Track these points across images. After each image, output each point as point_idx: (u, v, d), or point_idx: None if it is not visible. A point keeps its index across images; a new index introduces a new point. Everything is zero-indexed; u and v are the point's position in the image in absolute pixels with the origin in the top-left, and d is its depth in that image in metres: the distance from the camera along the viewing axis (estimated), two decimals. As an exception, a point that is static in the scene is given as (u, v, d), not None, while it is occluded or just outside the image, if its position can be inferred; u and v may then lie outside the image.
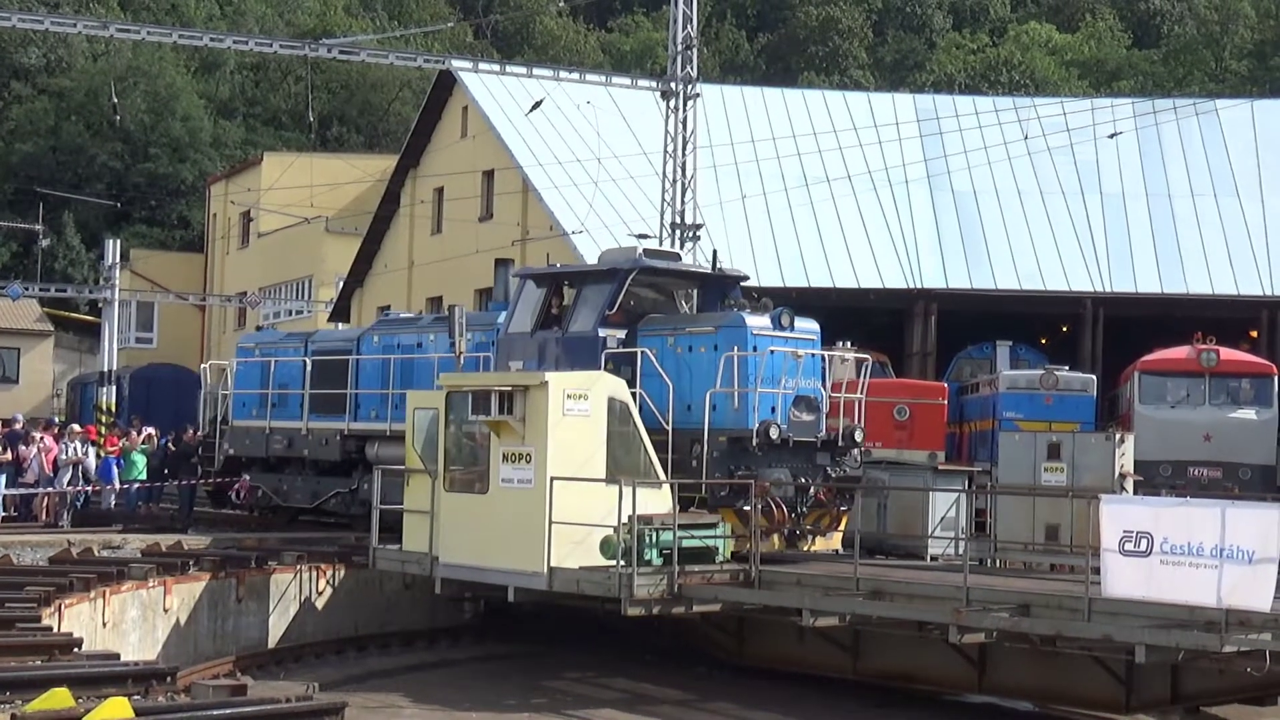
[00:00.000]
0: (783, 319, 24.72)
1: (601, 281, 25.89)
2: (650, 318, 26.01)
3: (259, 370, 33.01)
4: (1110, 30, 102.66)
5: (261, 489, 32.73)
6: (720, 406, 23.83)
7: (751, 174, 49.48)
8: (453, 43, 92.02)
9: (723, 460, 23.71)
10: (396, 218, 59.13)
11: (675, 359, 24.78)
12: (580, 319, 25.77)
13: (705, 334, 24.86)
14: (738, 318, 24.65)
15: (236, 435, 33.28)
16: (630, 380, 24.37)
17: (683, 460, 23.79)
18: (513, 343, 26.55)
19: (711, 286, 27.01)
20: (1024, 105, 54.29)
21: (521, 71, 51.25)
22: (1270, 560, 17.60)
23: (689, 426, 23.95)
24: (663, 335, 25.28)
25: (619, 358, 24.93)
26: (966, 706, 23.42)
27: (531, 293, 26.86)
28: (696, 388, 24.20)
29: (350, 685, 22.78)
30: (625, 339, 25.33)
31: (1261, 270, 47.77)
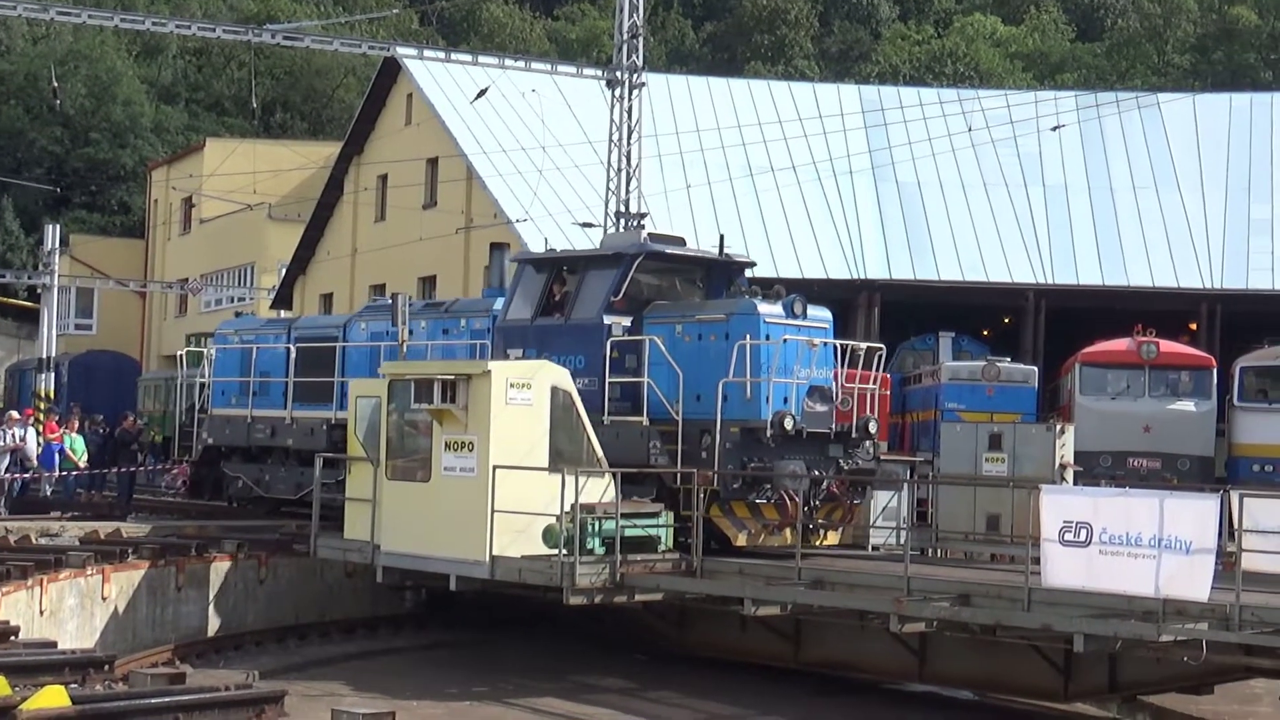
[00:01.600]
0: (795, 306, 24.06)
1: (606, 267, 25.12)
2: (656, 305, 25.20)
3: (239, 357, 32.07)
4: (1054, 23, 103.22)
5: (242, 479, 31.70)
6: (732, 396, 23.20)
7: (696, 164, 49.47)
8: (398, 30, 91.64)
9: (735, 451, 23.15)
10: (340, 205, 58.88)
11: (684, 347, 24.07)
12: (584, 306, 24.99)
13: (716, 322, 24.07)
14: (750, 304, 23.95)
15: (216, 424, 32.20)
16: (636, 369, 24.01)
17: (692, 451, 23.25)
18: (511, 331, 25.83)
19: (717, 272, 26.28)
20: (968, 97, 54.51)
21: (467, 59, 51.15)
22: (1208, 550, 17.71)
23: (698, 417, 23.39)
24: (670, 323, 24.55)
25: (624, 346, 24.30)
26: (907, 695, 23.52)
27: (531, 278, 26.05)
28: (706, 377, 23.50)
29: (290, 673, 22.70)
30: (631, 326, 24.66)
31: (1201, 263, 48.10)
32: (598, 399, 24.06)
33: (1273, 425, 33.80)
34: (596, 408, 23.94)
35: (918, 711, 22.75)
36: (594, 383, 24.22)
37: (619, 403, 24.18)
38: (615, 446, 23.65)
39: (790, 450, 23.38)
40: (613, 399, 24.17)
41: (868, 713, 22.07)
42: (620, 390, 24.20)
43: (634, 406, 24.05)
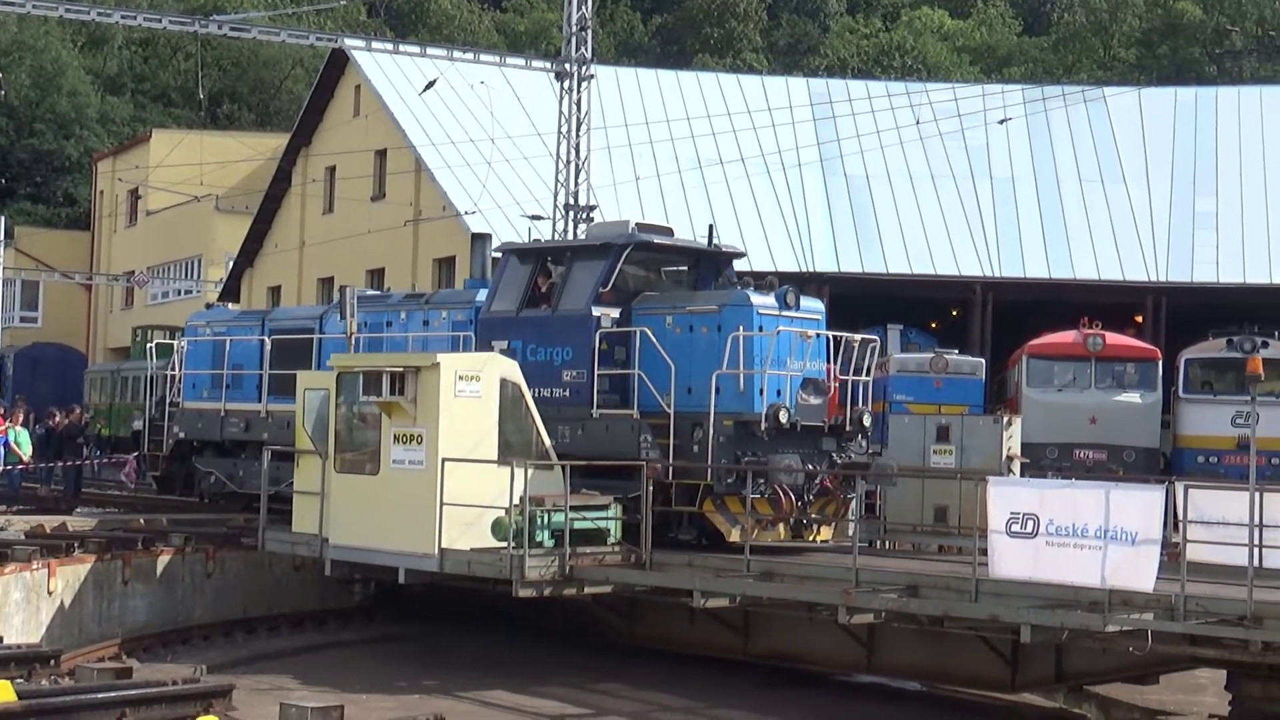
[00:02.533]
0: (788, 297, 23.56)
1: (593, 257, 24.53)
2: (645, 296, 24.60)
3: (210, 349, 31.44)
4: (1001, 17, 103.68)
5: (215, 474, 31.15)
6: (725, 389, 22.61)
7: (645, 156, 49.52)
8: (346, 21, 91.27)
9: (729, 445, 22.64)
10: (288, 197, 58.66)
11: (675, 339, 23.45)
12: (571, 297, 24.40)
13: (708, 313, 23.48)
14: (742, 296, 23.39)
15: (187, 418, 31.57)
16: (625, 361, 23.59)
17: (684, 445, 22.82)
18: (496, 322, 25.22)
19: (706, 263, 25.66)
20: (916, 90, 54.80)
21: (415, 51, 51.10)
22: (1153, 541, 17.82)
23: (690, 410, 22.86)
24: (660, 314, 23.92)
25: (613, 338, 23.80)
26: (855, 686, 23.60)
27: (516, 269, 25.48)
28: (697, 369, 22.95)
29: (238, 667, 22.61)
30: (619, 318, 24.05)
31: (1147, 256, 48.44)
32: (586, 391, 23.73)
33: (1217, 417, 34.09)
34: (585, 400, 23.68)
35: (866, 702, 22.82)
36: (582, 375, 23.84)
37: (607, 395, 23.74)
38: (604, 440, 23.41)
39: (784, 444, 22.94)
40: (601, 391, 23.72)
41: (816, 704, 22.12)
42: (609, 383, 23.75)
43: (623, 399, 23.66)
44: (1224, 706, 20.11)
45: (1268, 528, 19.26)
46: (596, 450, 23.24)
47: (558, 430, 23.69)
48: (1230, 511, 19.10)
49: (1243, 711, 19.31)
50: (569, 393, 23.94)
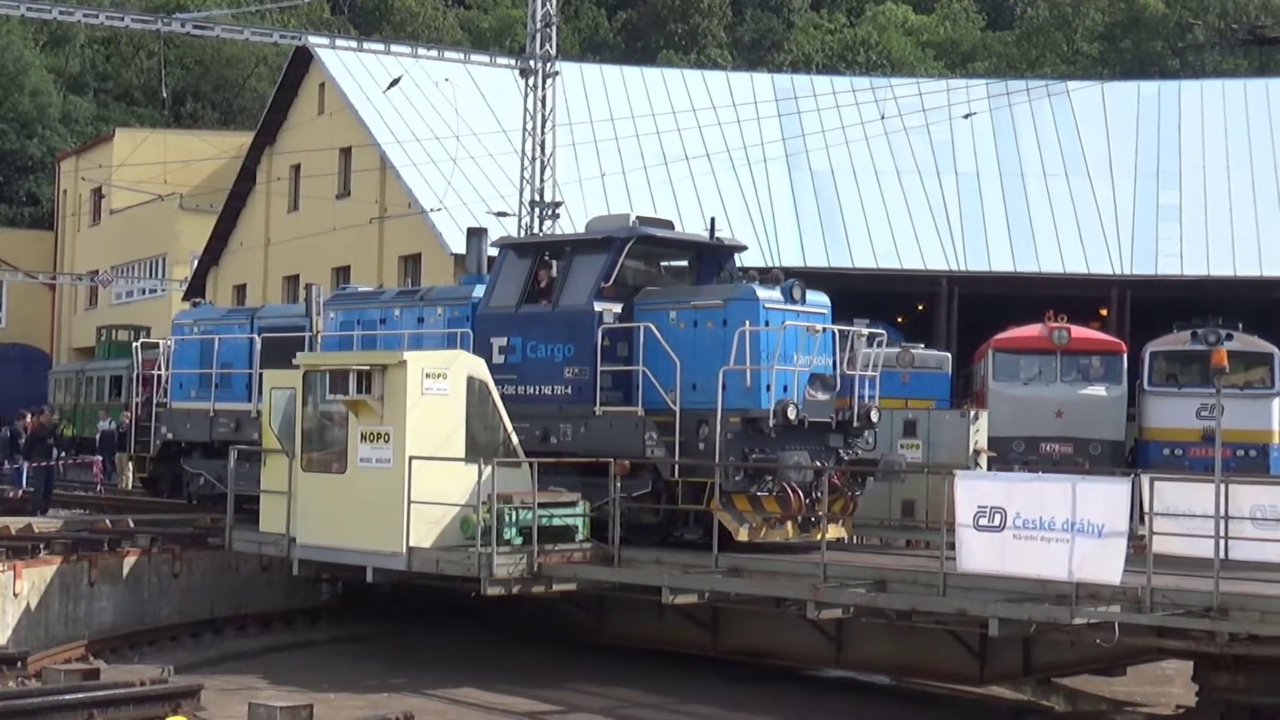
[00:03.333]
0: (794, 291, 23.07)
1: (594, 251, 23.95)
2: (648, 290, 24.08)
3: (198, 348, 30.75)
4: (965, 12, 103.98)
5: (204, 476, 30.29)
6: (731, 385, 22.09)
7: (610, 152, 49.54)
8: (309, 19, 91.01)
9: (736, 442, 22.16)
10: (252, 195, 58.52)
11: (679, 334, 22.92)
12: (572, 292, 23.85)
13: (713, 308, 22.94)
14: (748, 290, 22.93)
15: (175, 418, 30.84)
16: (628, 358, 23.19)
17: (689, 442, 22.32)
18: (494, 319, 24.74)
19: (707, 256, 25.28)
20: (880, 85, 54.86)
21: (379, 48, 51.19)
22: (1119, 534, 17.85)
23: (695, 406, 22.36)
24: (663, 309, 23.39)
25: (616, 333, 23.31)
26: (824, 681, 23.64)
27: (514, 264, 24.89)
28: (702, 365, 22.45)
29: (206, 668, 22.53)
30: (621, 313, 23.56)
31: (1111, 249, 48.64)
32: (589, 388, 23.31)
33: (1182, 409, 34.22)
34: (588, 398, 23.28)
35: (835, 697, 22.85)
36: (585, 372, 23.42)
37: (609, 392, 23.33)
38: (607, 438, 22.99)
39: (791, 440, 22.50)
40: (604, 388, 23.29)
41: (785, 699, 22.13)
42: (611, 379, 23.35)
43: (625, 396, 23.25)
44: (1191, 697, 20.18)
45: (1233, 519, 19.40)
46: (599, 448, 22.83)
47: (559, 428, 23.50)
48: (1196, 503, 19.14)
49: (1209, 702, 19.38)
50: (570, 390, 23.56)
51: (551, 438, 23.58)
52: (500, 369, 24.03)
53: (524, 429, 23.46)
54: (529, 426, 23.57)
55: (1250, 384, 34.70)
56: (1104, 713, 22.33)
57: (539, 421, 23.69)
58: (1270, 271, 46.91)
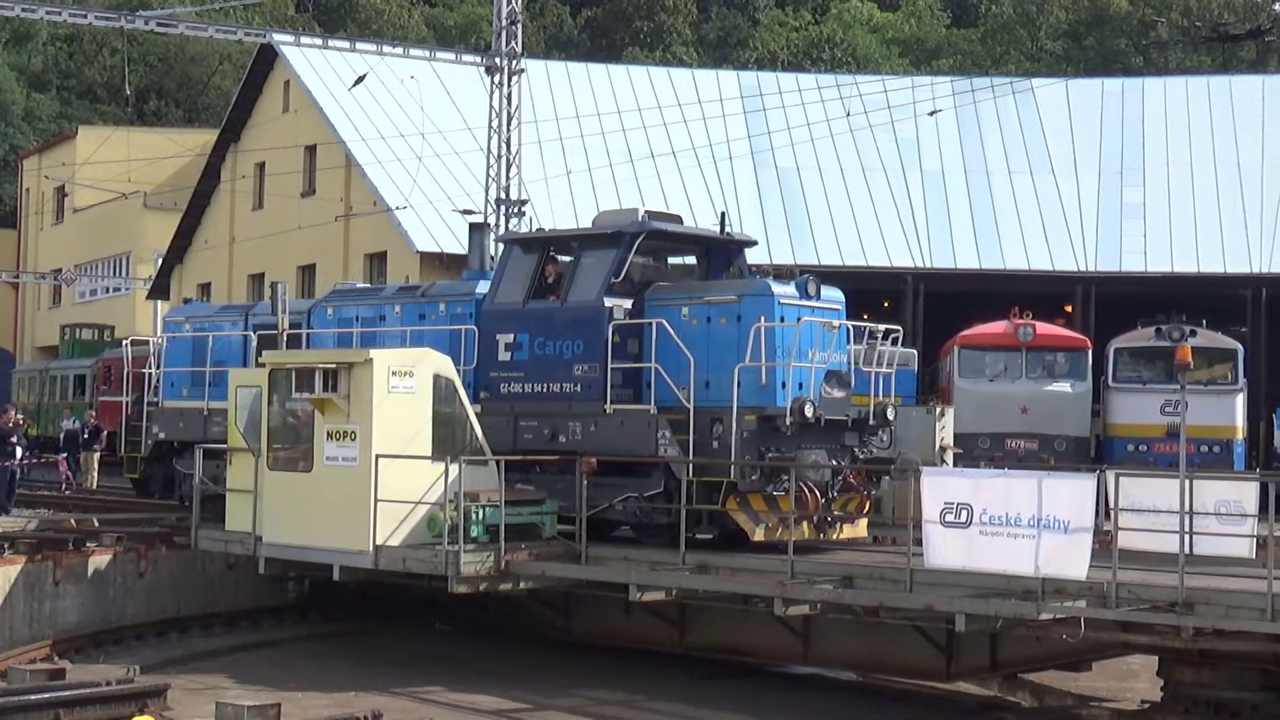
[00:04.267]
0: (809, 286, 22.69)
1: (604, 246, 23.50)
2: (658, 286, 23.68)
3: (190, 346, 30.01)
4: (930, 9, 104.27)
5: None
6: (746, 382, 21.68)
7: (576, 150, 49.53)
8: (274, 16, 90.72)
9: (752, 441, 21.73)
10: (217, 193, 58.34)
11: (691, 331, 22.53)
12: (581, 288, 23.39)
13: (727, 303, 22.53)
14: (763, 285, 22.53)
15: (167, 417, 30.11)
16: (639, 355, 22.83)
17: (703, 441, 21.92)
18: (500, 315, 24.23)
19: (716, 251, 24.81)
20: (846, 83, 54.88)
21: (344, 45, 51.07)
22: (1085, 529, 17.93)
23: (708, 404, 21.98)
24: (675, 305, 22.95)
25: (626, 330, 22.89)
26: (792, 677, 23.66)
27: (520, 259, 24.45)
28: (716, 362, 22.10)
29: (172, 667, 22.46)
30: (631, 309, 23.17)
31: (1075, 246, 48.81)
32: (599, 386, 22.88)
33: (1146, 405, 34.37)
34: (597, 396, 22.89)
35: (802, 693, 22.86)
36: (594, 369, 22.98)
37: (619, 390, 22.88)
38: (618, 436, 22.63)
39: (807, 439, 22.09)
40: (614, 386, 22.86)
41: (752, 696, 22.15)
42: (621, 377, 22.92)
43: (635, 394, 22.87)
44: (1156, 692, 20.26)
45: (1197, 515, 19.50)
46: (610, 447, 22.52)
47: (568, 426, 23.17)
48: (1161, 499, 19.25)
49: (1174, 697, 19.47)
50: (579, 387, 23.15)
51: (560, 436, 23.24)
52: (506, 366, 23.85)
53: (531, 427, 23.37)
54: (536, 425, 23.42)
55: (1214, 380, 34.90)
56: (1070, 708, 22.38)
57: (547, 420, 23.39)
58: (1234, 268, 47.15)
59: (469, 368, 24.17)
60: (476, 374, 24.27)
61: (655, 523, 22.59)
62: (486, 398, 24.11)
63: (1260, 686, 18.90)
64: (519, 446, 23.46)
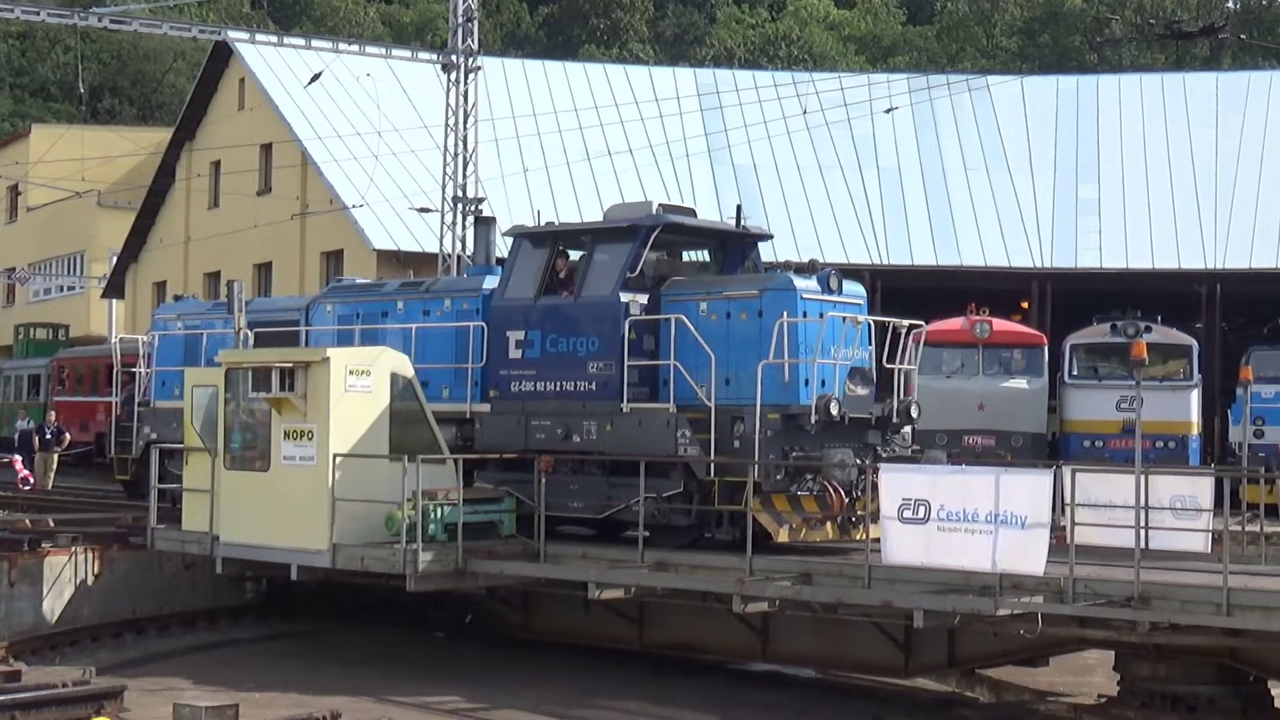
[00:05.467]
0: (831, 281, 22.26)
1: (618, 240, 22.85)
2: (674, 281, 23.09)
3: (182, 344, 29.37)
4: (886, 6, 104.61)
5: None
6: (768, 379, 21.16)
7: (533, 147, 49.46)
8: (229, 13, 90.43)
9: (776, 440, 21.23)
10: (172, 191, 58.10)
11: (710, 327, 21.99)
12: (595, 283, 22.77)
13: (748, 298, 22.00)
14: (785, 279, 21.96)
15: (159, 418, 29.18)
16: (654, 351, 22.34)
17: (724, 440, 21.38)
18: (510, 312, 23.63)
19: (732, 245, 24.32)
20: (802, 80, 55.02)
21: (300, 43, 50.84)
22: (1042, 525, 18.02)
23: (728, 402, 21.48)
24: (693, 300, 22.42)
25: (642, 326, 22.34)
26: (751, 674, 23.73)
27: (529, 254, 23.77)
28: (736, 358, 21.62)
29: (129, 668, 22.41)
30: (647, 305, 22.59)
31: (1032, 242, 48.98)
32: (615, 384, 22.35)
33: (1102, 401, 34.51)
34: (614, 394, 22.36)
35: (761, 690, 22.93)
36: (610, 366, 22.44)
37: (636, 388, 22.34)
38: (636, 436, 22.08)
39: (831, 437, 21.53)
40: (631, 384, 22.32)
41: (712, 693, 22.19)
42: (637, 374, 22.39)
43: (651, 392, 22.35)
44: (1113, 687, 20.39)
45: (1153, 510, 19.63)
46: (627, 447, 22.04)
47: (582, 426, 22.64)
48: (1116, 494, 19.38)
49: (1131, 691, 19.60)
50: (595, 386, 22.59)
51: (574, 436, 22.73)
52: (517, 364, 23.37)
53: (544, 426, 22.89)
54: (549, 424, 22.90)
55: (1169, 376, 35.06)
56: (1027, 703, 22.50)
57: (560, 419, 22.85)
58: (1188, 264, 47.37)
59: (477, 365, 23.80)
60: (485, 372, 23.80)
61: (674, 524, 22.02)
62: (496, 396, 23.65)
63: (1215, 680, 19.08)
64: (530, 446, 22.90)
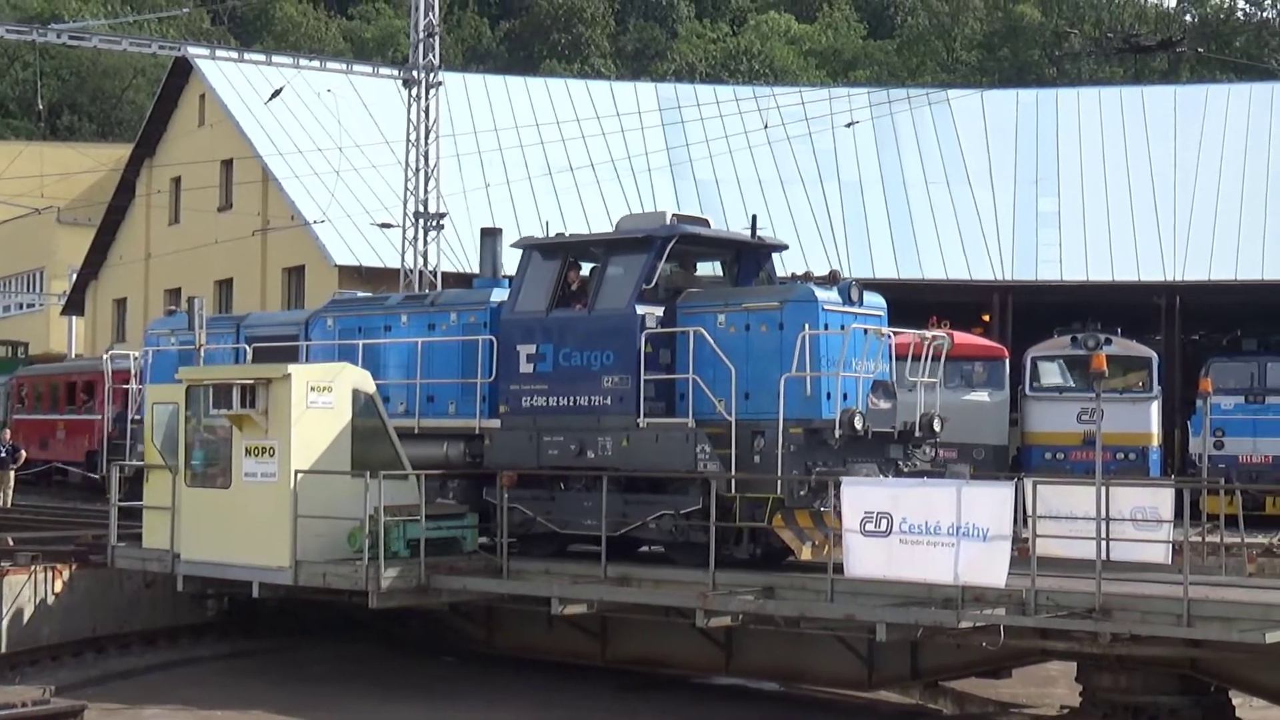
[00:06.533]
0: (852, 292, 21.81)
1: (632, 251, 22.35)
2: (690, 293, 22.58)
3: (176, 360, 28.36)
4: (846, 21, 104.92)
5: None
6: (789, 393, 20.69)
7: (495, 163, 49.51)
8: (189, 29, 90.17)
9: (799, 455, 20.68)
10: (132, 208, 57.94)
11: (729, 339, 21.46)
12: (609, 295, 22.27)
13: (768, 310, 21.46)
14: (807, 290, 21.43)
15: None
16: (670, 365, 21.87)
17: (744, 456, 20.91)
18: (521, 325, 23.05)
19: (746, 257, 23.83)
20: (764, 94, 55.20)
21: (260, 59, 50.81)
22: (1004, 537, 18.07)
23: (748, 417, 20.97)
24: (711, 312, 21.88)
25: (658, 339, 21.87)
26: (714, 688, 23.72)
27: (540, 266, 23.18)
28: (755, 372, 21.11)
29: (89, 687, 22.22)
30: (663, 317, 22.07)
31: (993, 255, 49.19)
32: (631, 399, 21.79)
33: (1064, 414, 34.66)
34: (630, 409, 21.80)
35: (725, 704, 22.97)
36: (626, 380, 21.89)
37: (652, 403, 21.83)
38: (653, 452, 21.53)
39: (854, 452, 21.10)
40: (647, 398, 21.81)
41: (675, 707, 22.23)
42: (654, 389, 21.87)
43: (667, 407, 21.85)
44: (1075, 698, 20.45)
45: (1114, 521, 19.74)
46: (644, 463, 21.59)
47: (597, 441, 22.13)
48: (1077, 506, 19.46)
49: (1093, 702, 19.66)
50: (610, 400, 22.05)
51: (588, 451, 22.17)
52: (529, 378, 22.88)
53: (557, 442, 22.43)
54: (562, 440, 22.43)
55: (1130, 388, 35.25)
56: (990, 714, 22.56)
57: (574, 434, 22.34)
58: (1148, 276, 47.63)
59: (485, 380, 23.37)
60: (494, 387, 23.33)
61: (691, 541, 21.46)
62: (506, 411, 23.12)
63: (1177, 690, 19.12)
64: (543, 462, 22.52)
